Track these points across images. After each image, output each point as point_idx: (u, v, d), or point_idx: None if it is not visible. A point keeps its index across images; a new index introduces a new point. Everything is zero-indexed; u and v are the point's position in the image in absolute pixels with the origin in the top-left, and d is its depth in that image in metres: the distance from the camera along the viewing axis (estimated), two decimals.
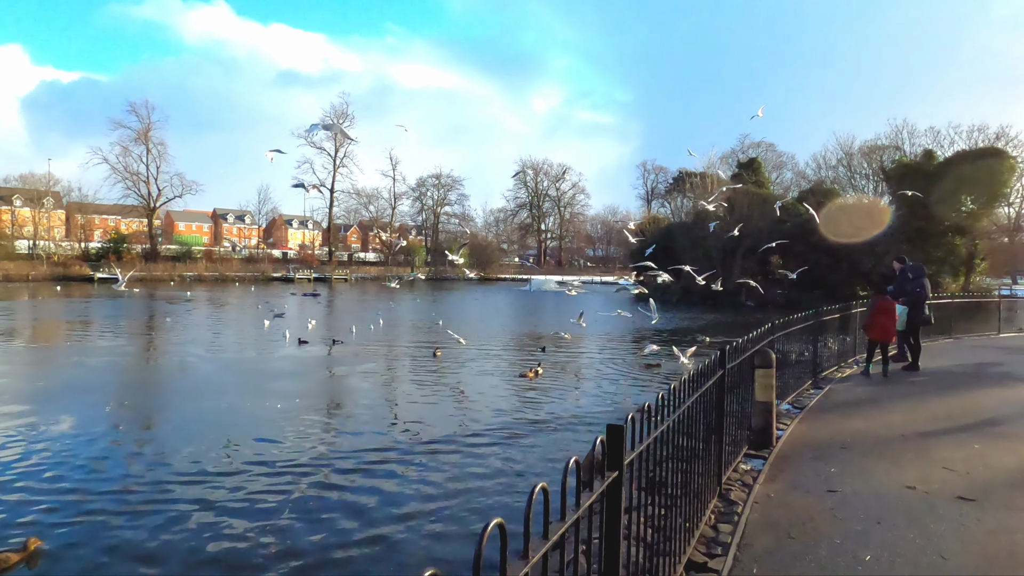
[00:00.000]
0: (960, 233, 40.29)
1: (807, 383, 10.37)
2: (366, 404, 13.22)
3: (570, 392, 14.73)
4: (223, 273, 65.24)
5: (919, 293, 12.30)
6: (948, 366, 12.17)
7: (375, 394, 14.49)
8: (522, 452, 9.83)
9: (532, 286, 67.86)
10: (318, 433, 10.82)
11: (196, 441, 10.02)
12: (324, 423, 11.68)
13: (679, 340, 23.40)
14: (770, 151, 66.44)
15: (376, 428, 11.23)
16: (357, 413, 12.51)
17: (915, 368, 11.79)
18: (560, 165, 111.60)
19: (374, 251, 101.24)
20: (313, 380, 15.98)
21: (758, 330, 7.31)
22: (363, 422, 11.71)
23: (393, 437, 10.63)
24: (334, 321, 29.18)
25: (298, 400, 13.29)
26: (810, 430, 7.51)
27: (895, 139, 50.24)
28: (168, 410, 12.95)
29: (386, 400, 14.04)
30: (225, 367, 17.65)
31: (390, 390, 15.17)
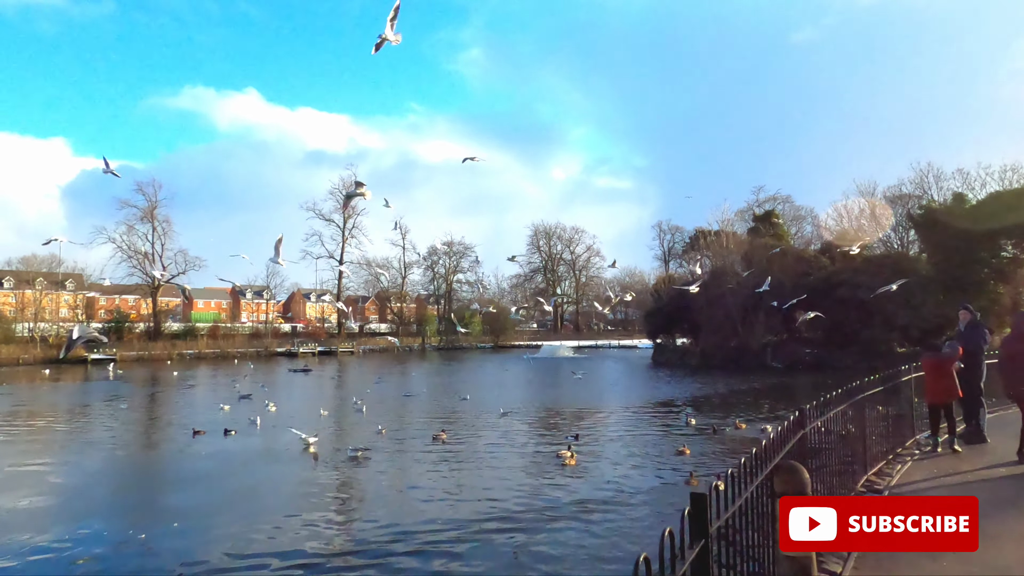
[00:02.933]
0: (1002, 280, 36.88)
1: (857, 483, 7.38)
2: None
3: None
4: (224, 350, 63.21)
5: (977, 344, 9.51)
6: None
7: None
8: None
9: (544, 353, 64.80)
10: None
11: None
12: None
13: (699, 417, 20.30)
14: (787, 204, 63.83)
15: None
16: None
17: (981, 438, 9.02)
18: (573, 228, 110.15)
19: (386, 322, 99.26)
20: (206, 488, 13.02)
21: (779, 427, 4.50)
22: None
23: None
24: (303, 402, 26.19)
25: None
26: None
27: (920, 184, 47.47)
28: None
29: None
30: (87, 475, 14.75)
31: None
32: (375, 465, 14.78)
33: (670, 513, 10.87)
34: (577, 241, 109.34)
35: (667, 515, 10.85)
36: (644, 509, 11.69)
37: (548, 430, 19.65)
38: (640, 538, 9.91)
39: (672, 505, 11.50)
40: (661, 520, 10.72)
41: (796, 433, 5.01)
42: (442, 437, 17.24)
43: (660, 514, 11.17)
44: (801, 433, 5.26)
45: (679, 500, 11.62)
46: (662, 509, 11.53)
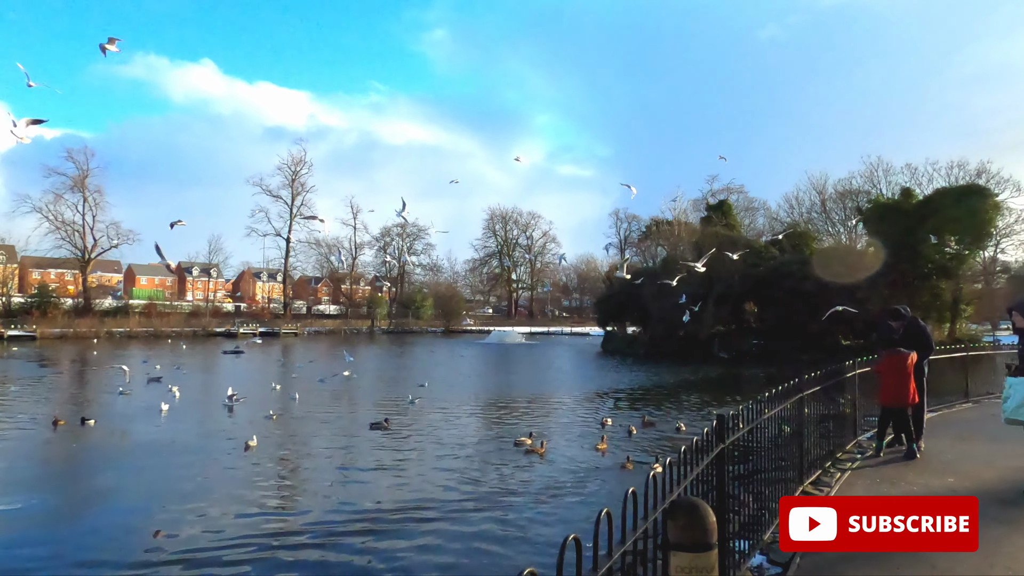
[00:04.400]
0: (945, 276, 37.20)
1: (791, 495, 6.35)
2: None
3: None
4: (159, 329, 60.05)
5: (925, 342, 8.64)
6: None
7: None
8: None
9: (492, 338, 63.66)
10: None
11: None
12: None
13: (648, 413, 19.38)
14: (741, 196, 63.85)
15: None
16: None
17: (911, 455, 8.09)
18: (530, 213, 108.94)
19: (335, 304, 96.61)
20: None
21: (684, 448, 3.36)
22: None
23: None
24: (219, 387, 24.20)
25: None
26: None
27: (870, 177, 47.78)
28: None
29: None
30: None
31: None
32: (262, 453, 13.44)
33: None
34: (534, 226, 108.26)
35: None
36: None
37: (460, 416, 18.49)
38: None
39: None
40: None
41: (708, 453, 3.85)
42: (386, 425, 16.10)
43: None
44: (720, 448, 4.12)
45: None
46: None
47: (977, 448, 8.73)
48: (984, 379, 14.55)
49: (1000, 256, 66.45)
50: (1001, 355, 15.59)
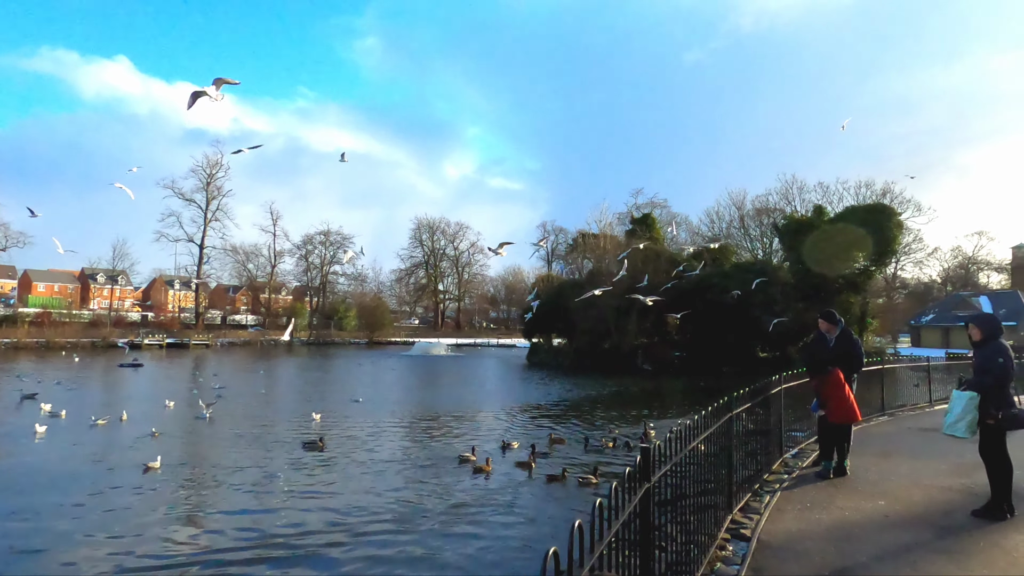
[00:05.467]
0: (854, 291, 38.81)
1: (721, 527, 5.80)
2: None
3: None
4: (52, 340, 55.29)
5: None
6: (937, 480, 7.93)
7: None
8: None
9: (416, 350, 62.19)
10: None
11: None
12: None
13: (571, 428, 18.80)
14: (664, 210, 65.21)
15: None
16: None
17: (841, 472, 7.86)
18: (457, 223, 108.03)
19: (255, 314, 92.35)
20: None
21: (598, 505, 2.60)
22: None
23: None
24: (104, 404, 21.97)
25: None
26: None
27: (785, 194, 49.67)
28: None
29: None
30: None
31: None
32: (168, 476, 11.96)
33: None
34: (461, 237, 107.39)
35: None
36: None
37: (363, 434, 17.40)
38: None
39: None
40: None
41: (632, 495, 3.14)
42: (320, 445, 14.95)
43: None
44: (645, 488, 3.42)
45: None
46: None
47: (901, 466, 8.50)
48: (898, 392, 14.76)
49: (900, 273, 70.80)
50: (913, 367, 15.96)
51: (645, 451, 3.44)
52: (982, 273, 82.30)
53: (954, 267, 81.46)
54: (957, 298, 68.50)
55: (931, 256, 70.15)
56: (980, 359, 5.97)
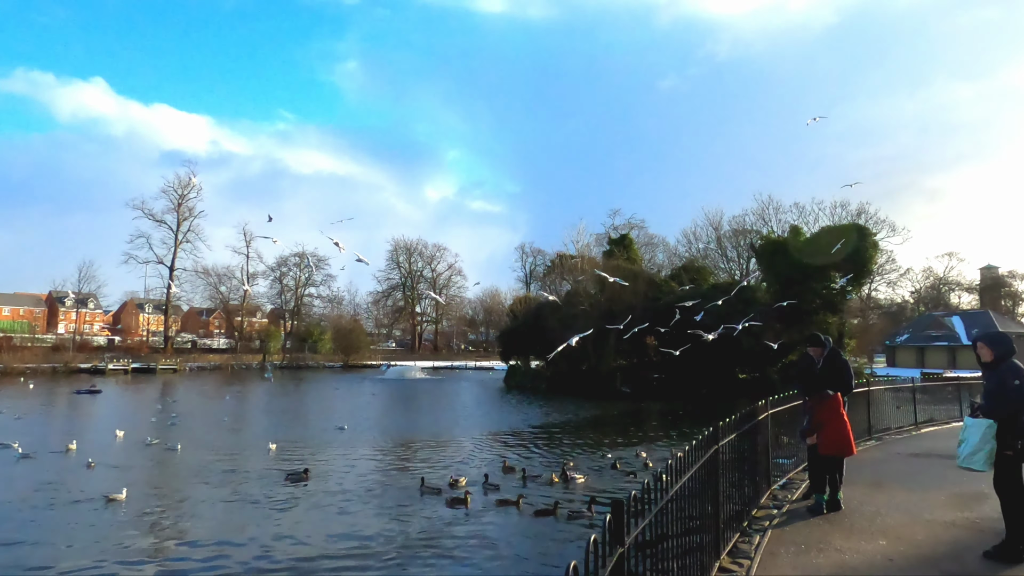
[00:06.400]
0: (831, 311, 38.66)
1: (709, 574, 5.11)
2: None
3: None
4: (9, 366, 53.08)
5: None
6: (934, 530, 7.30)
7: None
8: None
9: (389, 373, 60.92)
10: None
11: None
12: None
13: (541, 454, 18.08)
14: (642, 231, 65.12)
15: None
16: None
17: (836, 506, 7.26)
18: (435, 245, 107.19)
19: (229, 337, 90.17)
20: None
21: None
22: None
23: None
24: (57, 434, 20.73)
25: None
26: None
27: (762, 214, 49.82)
28: None
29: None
30: None
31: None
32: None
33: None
34: (439, 259, 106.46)
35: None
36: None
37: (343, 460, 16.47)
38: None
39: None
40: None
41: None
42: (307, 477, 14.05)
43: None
44: (619, 554, 2.72)
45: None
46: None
47: (896, 497, 7.90)
48: (884, 415, 14.26)
49: (874, 294, 71.45)
50: (898, 389, 15.50)
51: (617, 506, 2.75)
52: (953, 293, 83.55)
53: (926, 287, 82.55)
54: (930, 318, 69.23)
55: (903, 276, 71.06)
56: (993, 382, 5.38)
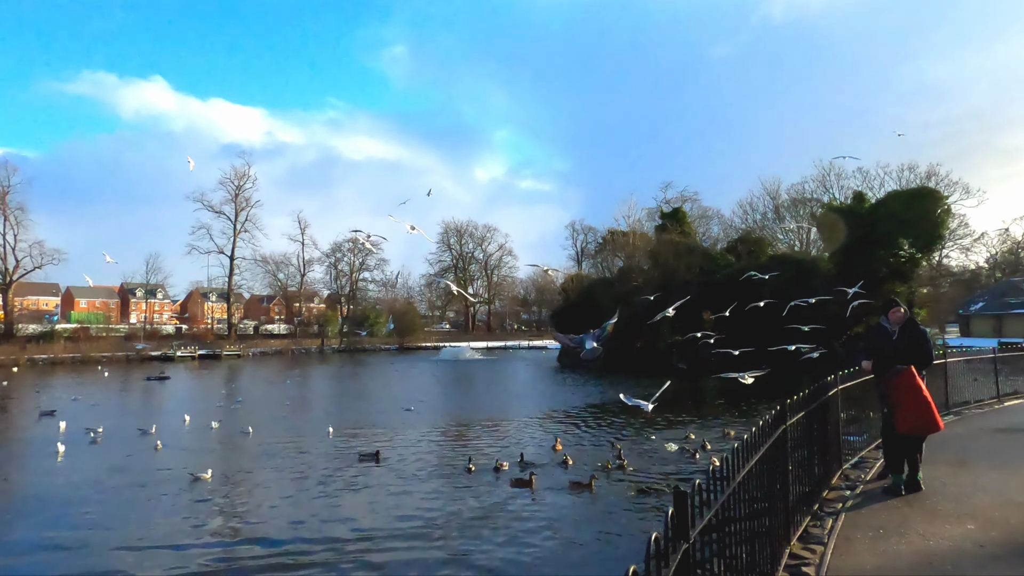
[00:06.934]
0: (900, 280, 36.80)
1: (779, 564, 4.77)
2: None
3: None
4: (87, 354, 56.01)
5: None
6: None
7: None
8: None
9: (444, 354, 61.51)
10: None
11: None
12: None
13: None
14: (695, 204, 63.39)
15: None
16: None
17: (916, 487, 6.74)
18: (485, 226, 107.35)
19: (289, 323, 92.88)
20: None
21: None
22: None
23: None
24: (125, 420, 21.58)
25: None
26: None
27: (823, 182, 47.66)
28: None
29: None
30: None
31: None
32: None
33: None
34: (489, 240, 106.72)
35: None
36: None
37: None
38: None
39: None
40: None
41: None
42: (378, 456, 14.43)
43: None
44: (684, 550, 2.44)
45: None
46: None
47: (984, 478, 7.30)
48: (961, 388, 13.40)
49: (945, 261, 67.80)
50: (977, 360, 14.53)
51: (680, 497, 2.47)
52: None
53: (1003, 252, 77.76)
54: (1008, 284, 65.17)
55: (978, 241, 66.97)
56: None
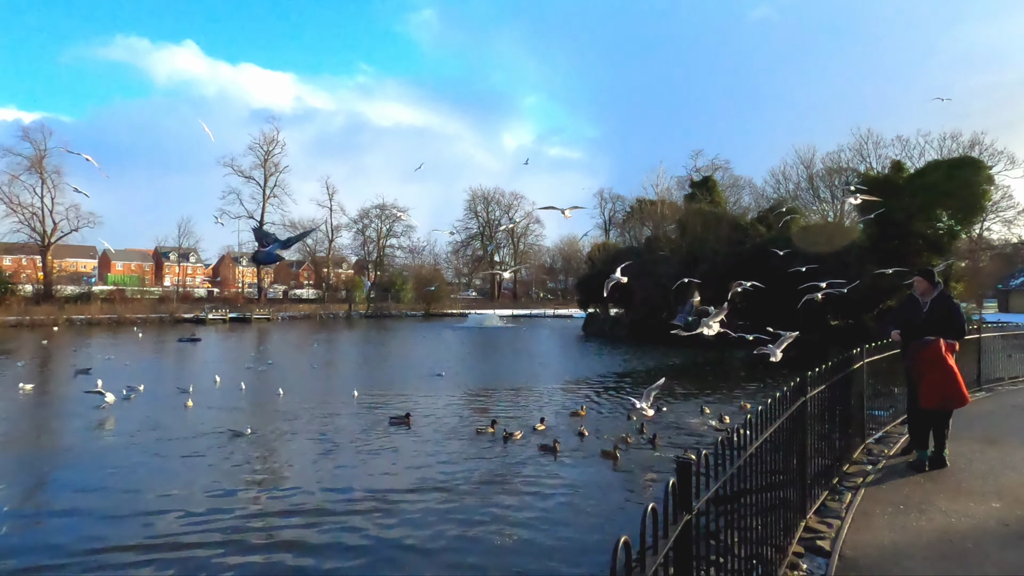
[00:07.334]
0: (937, 253, 35.70)
1: (792, 538, 4.70)
2: None
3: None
4: (122, 315, 57.52)
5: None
6: None
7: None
8: None
9: (469, 321, 61.82)
10: None
11: None
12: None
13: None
14: (726, 172, 61.99)
15: None
16: None
17: (939, 463, 6.58)
18: (512, 194, 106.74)
19: (318, 288, 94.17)
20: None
21: None
22: None
23: None
24: (158, 378, 22.13)
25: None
26: None
27: (859, 150, 46.15)
28: None
29: None
30: None
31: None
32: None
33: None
34: (516, 207, 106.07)
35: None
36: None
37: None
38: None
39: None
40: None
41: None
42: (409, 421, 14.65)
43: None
44: (685, 520, 2.37)
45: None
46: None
47: (1013, 455, 7.09)
48: (995, 364, 13.01)
49: (985, 234, 65.59)
50: (1014, 336, 14.06)
51: (684, 467, 2.38)
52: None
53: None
54: None
55: (1022, 214, 64.58)
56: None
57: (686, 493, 2.37)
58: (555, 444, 12.62)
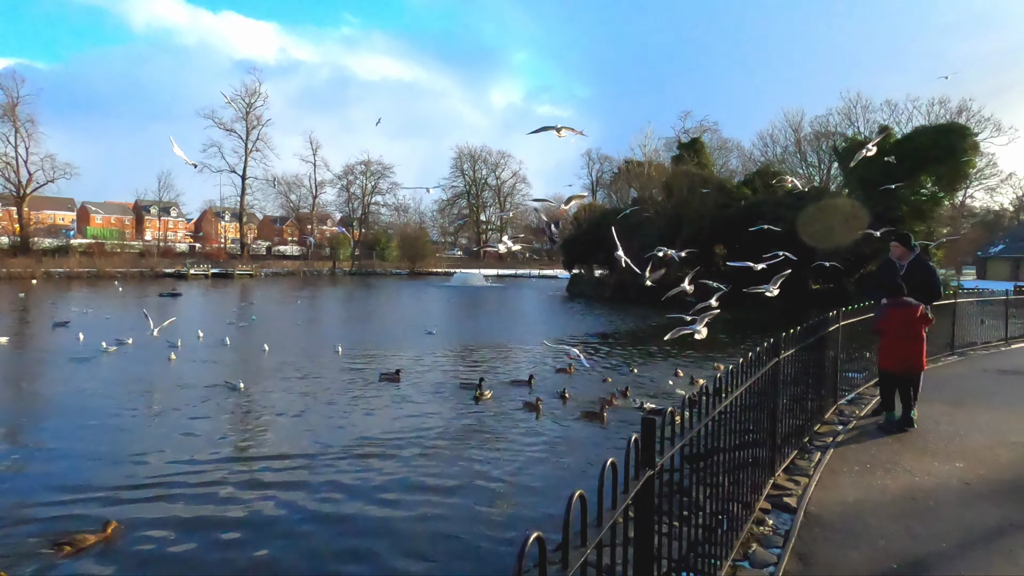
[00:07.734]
0: (919, 219, 35.98)
1: (760, 494, 4.79)
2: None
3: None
4: (102, 269, 56.73)
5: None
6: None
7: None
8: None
9: (454, 280, 61.81)
10: None
11: None
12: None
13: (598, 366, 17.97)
14: (715, 135, 61.58)
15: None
16: None
17: (906, 424, 6.73)
18: (499, 152, 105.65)
19: (302, 245, 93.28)
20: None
21: None
22: None
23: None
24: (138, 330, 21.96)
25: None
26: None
27: (848, 114, 46.02)
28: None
29: None
30: None
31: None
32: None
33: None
34: (503, 166, 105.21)
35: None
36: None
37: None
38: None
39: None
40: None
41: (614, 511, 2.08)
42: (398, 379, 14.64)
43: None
44: (648, 476, 2.38)
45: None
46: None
47: (979, 417, 7.27)
48: (968, 329, 13.25)
49: (968, 202, 66.16)
50: (988, 302, 14.31)
51: (648, 425, 2.38)
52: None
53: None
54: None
55: (1005, 182, 65.15)
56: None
57: (649, 449, 2.37)
58: (537, 402, 12.75)
